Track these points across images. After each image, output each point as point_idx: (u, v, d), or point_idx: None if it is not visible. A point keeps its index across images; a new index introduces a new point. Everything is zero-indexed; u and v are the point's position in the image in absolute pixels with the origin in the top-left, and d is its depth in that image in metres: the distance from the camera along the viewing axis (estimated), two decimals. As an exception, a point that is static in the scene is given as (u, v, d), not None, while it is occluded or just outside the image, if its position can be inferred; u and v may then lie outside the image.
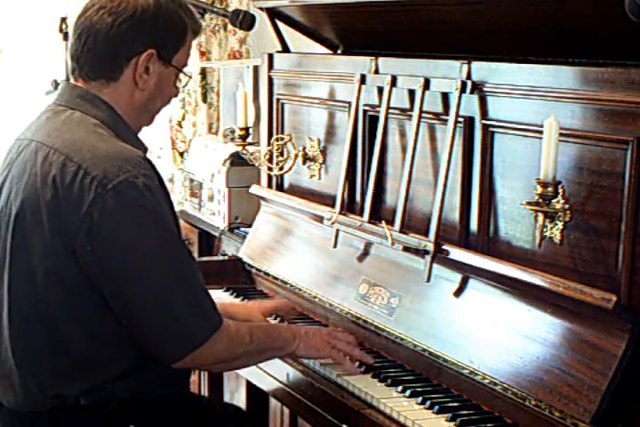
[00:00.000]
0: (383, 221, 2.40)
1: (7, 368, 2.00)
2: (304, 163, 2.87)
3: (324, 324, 2.56)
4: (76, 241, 1.88)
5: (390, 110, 2.44)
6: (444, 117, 2.27)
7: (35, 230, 1.93)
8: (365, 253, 2.53)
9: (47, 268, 1.92)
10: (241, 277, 2.99)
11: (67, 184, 1.89)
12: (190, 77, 2.14)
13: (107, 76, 2.02)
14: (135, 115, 2.07)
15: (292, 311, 2.59)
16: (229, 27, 4.28)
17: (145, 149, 2.07)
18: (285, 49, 3.02)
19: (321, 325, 2.56)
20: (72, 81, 2.07)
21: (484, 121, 2.18)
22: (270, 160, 2.99)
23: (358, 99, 2.57)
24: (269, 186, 3.07)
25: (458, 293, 2.18)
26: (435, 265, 2.22)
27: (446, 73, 2.27)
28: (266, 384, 2.38)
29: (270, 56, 3.02)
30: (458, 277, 2.19)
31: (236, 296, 2.83)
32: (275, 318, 2.56)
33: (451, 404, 2.00)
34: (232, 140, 3.65)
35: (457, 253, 2.18)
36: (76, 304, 1.93)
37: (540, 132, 1.90)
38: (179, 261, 1.95)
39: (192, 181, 3.67)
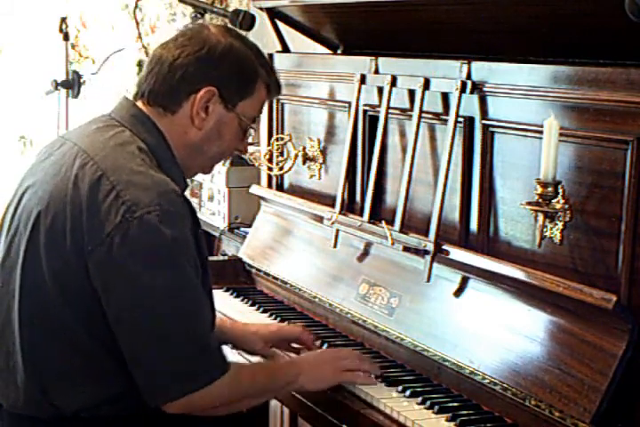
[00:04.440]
0: (383, 221, 2.40)
1: (12, 362, 1.98)
2: (304, 163, 2.87)
3: (323, 324, 2.56)
4: (89, 259, 1.86)
5: (390, 110, 2.44)
6: (444, 117, 2.27)
7: (52, 233, 1.91)
8: (365, 253, 2.53)
9: (56, 272, 1.90)
10: (241, 278, 2.99)
11: (98, 201, 1.86)
12: (255, 130, 2.09)
13: (165, 106, 1.99)
14: (185, 153, 2.02)
15: (307, 339, 2.34)
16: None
17: (185, 186, 2.04)
18: (285, 49, 3.02)
19: (320, 325, 2.56)
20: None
21: (484, 121, 2.18)
22: (270, 160, 2.99)
23: (358, 99, 2.57)
24: (269, 186, 3.08)
25: (458, 293, 2.18)
26: (435, 265, 2.22)
27: (446, 73, 2.27)
28: (266, 384, 2.37)
29: (270, 56, 3.02)
30: (458, 277, 2.19)
31: (236, 296, 2.83)
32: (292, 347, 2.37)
33: (451, 404, 2.00)
34: (232, 140, 3.65)
35: (457, 253, 2.18)
36: (85, 314, 1.90)
37: (540, 132, 1.90)
38: (187, 303, 1.89)
39: (192, 180, 3.67)
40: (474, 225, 2.23)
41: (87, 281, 1.88)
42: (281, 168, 2.96)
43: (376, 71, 2.52)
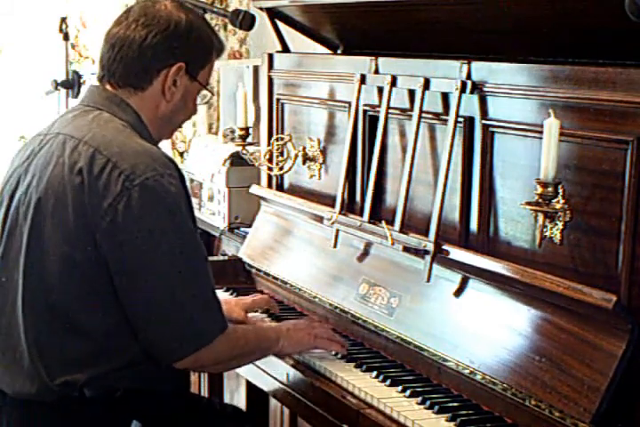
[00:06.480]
0: (383, 221, 2.40)
1: (19, 352, 2.02)
2: (304, 163, 2.87)
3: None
4: (97, 231, 1.93)
5: (390, 110, 2.44)
6: (444, 117, 2.27)
7: (56, 216, 1.96)
8: (365, 253, 2.53)
9: (64, 253, 1.95)
10: (241, 277, 2.99)
11: (94, 175, 1.94)
12: (214, 95, 2.22)
13: (135, 85, 2.09)
14: (157, 125, 2.13)
15: (273, 305, 2.63)
16: (229, 27, 4.27)
17: None
18: (285, 49, 3.02)
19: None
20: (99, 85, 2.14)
21: (484, 121, 2.18)
22: (270, 160, 2.99)
23: (358, 99, 2.57)
24: (269, 186, 3.07)
25: (458, 293, 2.18)
26: (435, 265, 2.22)
27: (446, 73, 2.27)
28: (266, 384, 2.38)
29: (270, 56, 3.02)
30: (458, 277, 2.19)
31: (236, 296, 2.83)
32: (265, 313, 2.61)
33: (451, 404, 2.00)
34: (232, 140, 3.65)
35: (457, 253, 2.17)
36: (89, 291, 1.96)
37: (540, 132, 1.90)
38: (194, 261, 2.00)
39: (192, 181, 3.67)
40: (474, 225, 2.23)
41: (96, 257, 1.94)
42: (281, 168, 2.95)
43: (376, 71, 2.52)
